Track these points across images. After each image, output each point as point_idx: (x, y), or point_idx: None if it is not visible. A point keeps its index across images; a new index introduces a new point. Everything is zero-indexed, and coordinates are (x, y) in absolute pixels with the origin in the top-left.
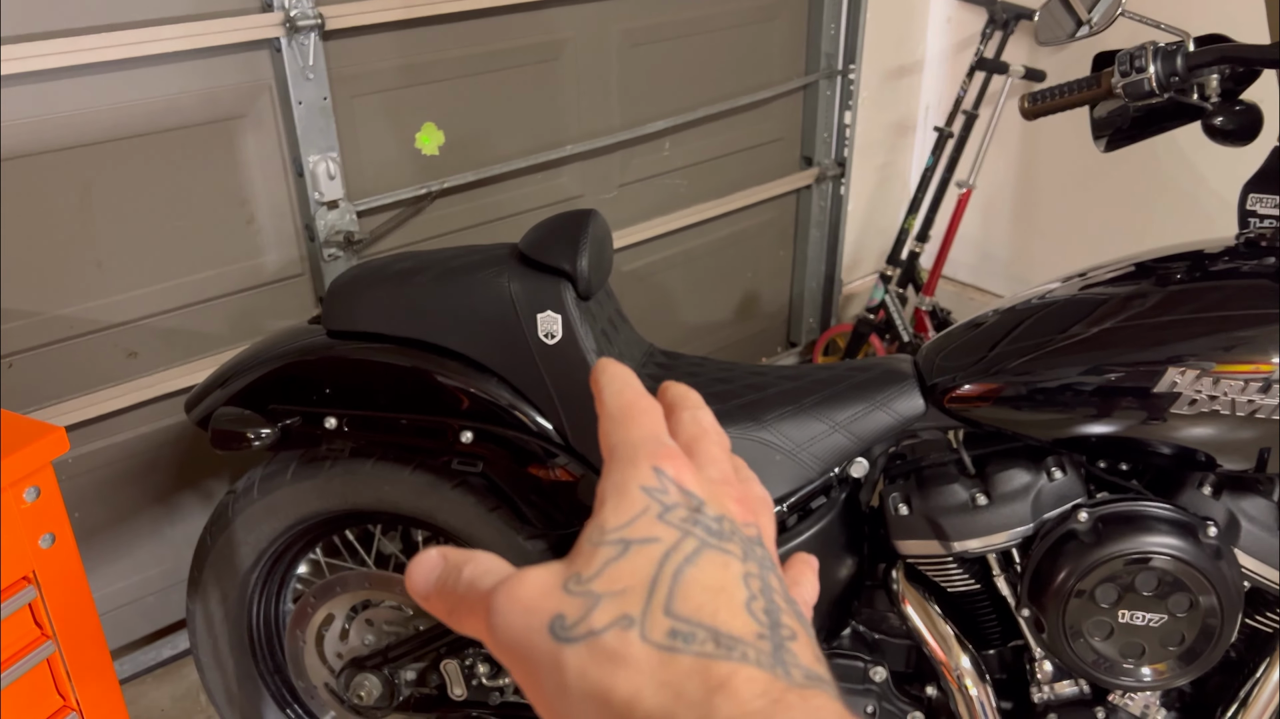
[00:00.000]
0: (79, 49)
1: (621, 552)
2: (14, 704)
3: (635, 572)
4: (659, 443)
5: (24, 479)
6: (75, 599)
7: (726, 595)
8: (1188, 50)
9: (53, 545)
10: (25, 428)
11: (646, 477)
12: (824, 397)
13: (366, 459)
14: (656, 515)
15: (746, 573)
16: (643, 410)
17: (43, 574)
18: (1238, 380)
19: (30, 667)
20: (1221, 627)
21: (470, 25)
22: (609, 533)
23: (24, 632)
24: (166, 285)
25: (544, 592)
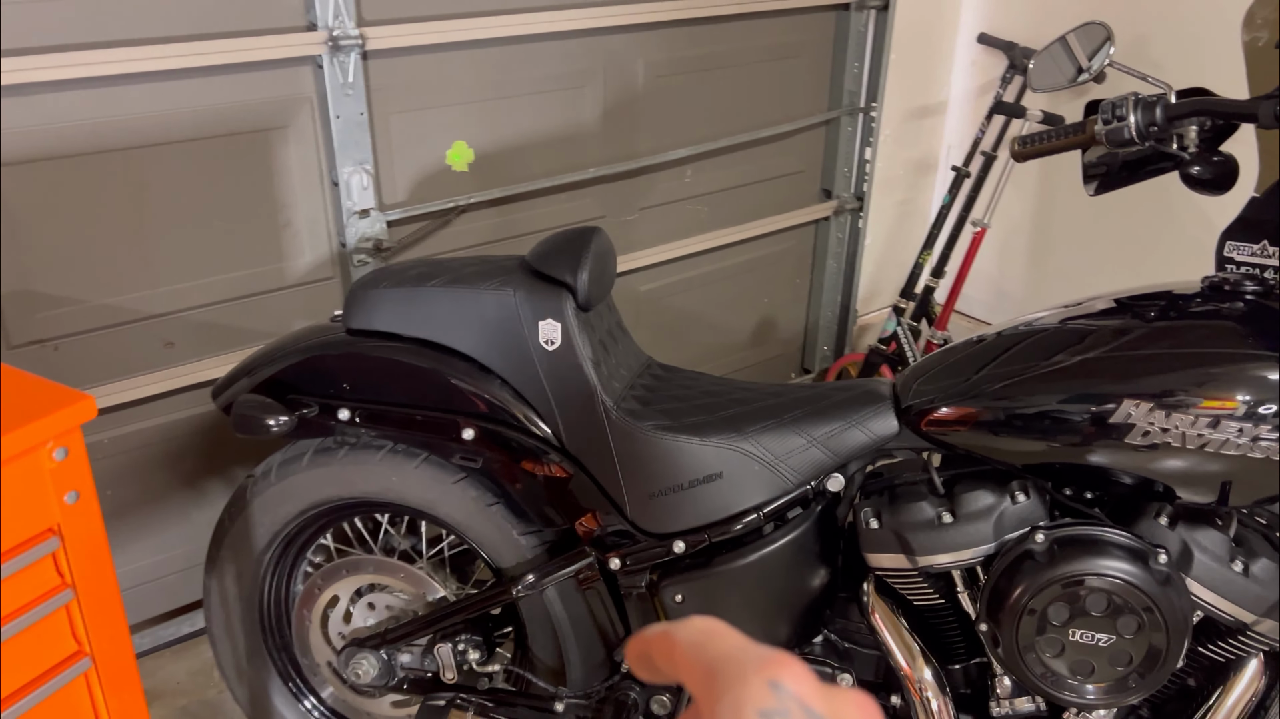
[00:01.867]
0: (138, 58)
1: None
2: (34, 647)
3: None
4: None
5: (54, 439)
6: (94, 553)
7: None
8: (1168, 102)
9: (77, 502)
10: (57, 394)
11: (762, 697)
12: (804, 413)
13: (377, 451)
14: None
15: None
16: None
17: (66, 528)
18: (1188, 415)
19: (50, 611)
20: (1167, 649)
21: (503, 50)
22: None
23: (46, 579)
24: (206, 281)
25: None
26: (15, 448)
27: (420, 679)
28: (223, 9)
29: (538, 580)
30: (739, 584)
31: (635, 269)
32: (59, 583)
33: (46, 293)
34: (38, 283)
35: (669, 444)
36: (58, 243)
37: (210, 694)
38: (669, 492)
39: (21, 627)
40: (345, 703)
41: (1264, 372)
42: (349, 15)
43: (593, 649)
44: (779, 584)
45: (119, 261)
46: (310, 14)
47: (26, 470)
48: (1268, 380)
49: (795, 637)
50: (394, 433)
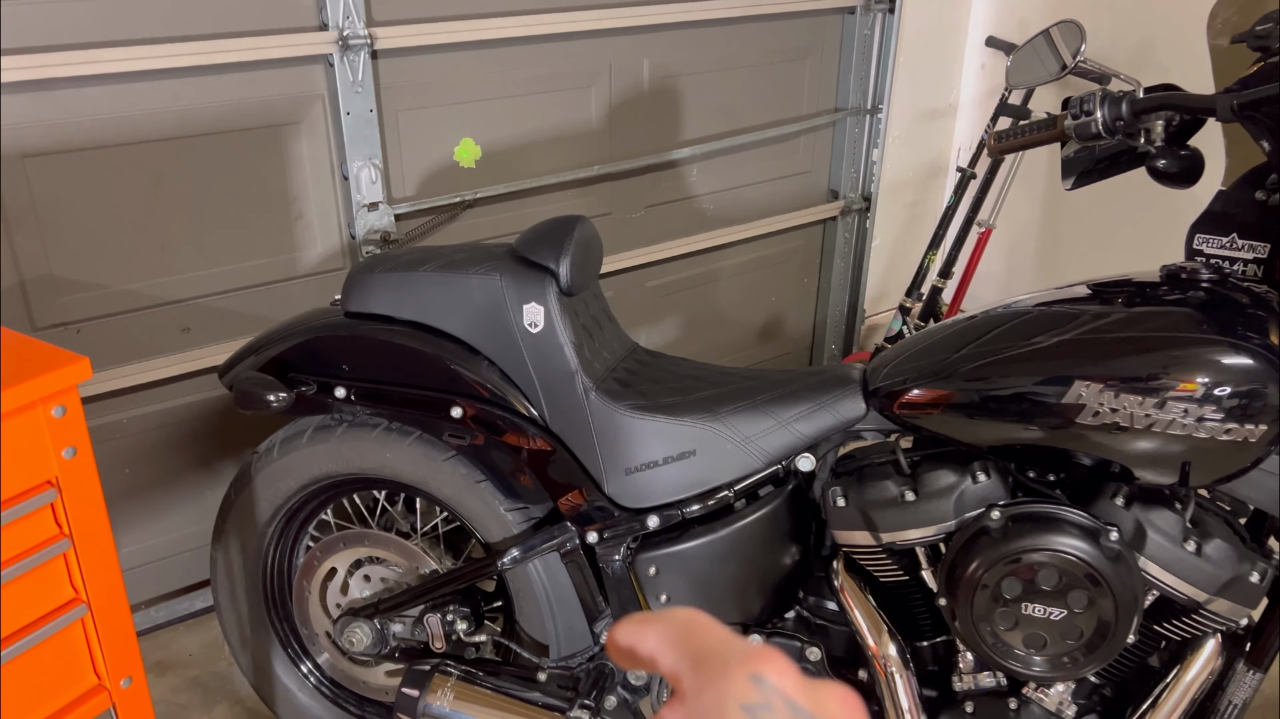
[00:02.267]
0: (158, 55)
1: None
2: (33, 593)
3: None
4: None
5: (53, 397)
6: (90, 506)
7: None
8: (1134, 97)
9: (74, 457)
10: (56, 356)
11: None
12: (775, 396)
13: (373, 429)
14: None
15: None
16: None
17: (64, 481)
18: (1135, 395)
19: (48, 558)
20: (1116, 624)
21: (511, 50)
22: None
23: (44, 528)
24: (221, 270)
25: None
26: (16, 402)
27: (411, 648)
28: (238, 9)
29: (522, 554)
30: (711, 557)
31: (641, 265)
32: (57, 533)
33: (69, 278)
34: (61, 268)
35: (645, 423)
36: (81, 231)
37: (220, 666)
38: (644, 468)
39: (21, 572)
40: (342, 671)
41: (1209, 355)
42: (359, 16)
43: (574, 620)
44: (750, 558)
45: (138, 249)
46: (322, 14)
47: (27, 425)
48: (1213, 363)
49: (767, 611)
50: (388, 411)
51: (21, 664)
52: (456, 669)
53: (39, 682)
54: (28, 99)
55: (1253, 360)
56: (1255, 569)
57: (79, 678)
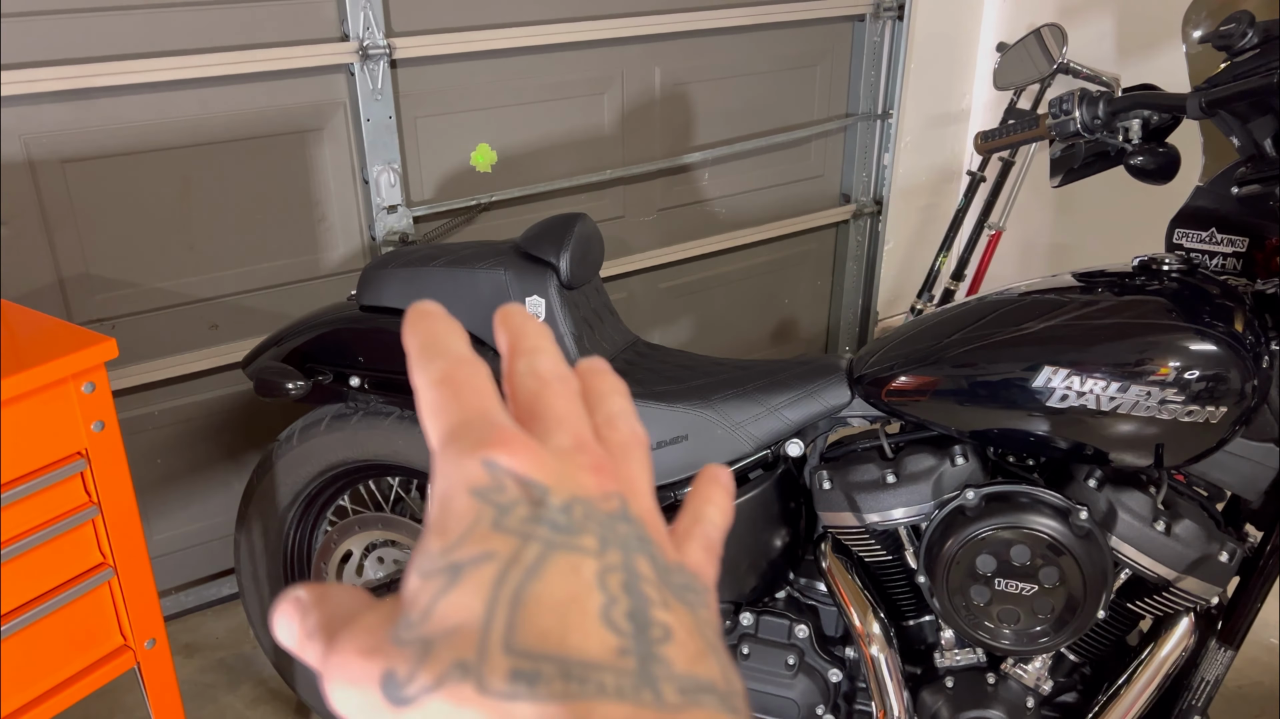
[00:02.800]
0: (189, 66)
1: (451, 580)
2: (63, 556)
3: (467, 603)
4: (489, 424)
5: (83, 374)
6: (117, 477)
7: (578, 608)
8: (1110, 96)
9: (102, 431)
10: (85, 336)
11: (477, 475)
12: (765, 384)
13: (386, 417)
14: (491, 524)
15: (604, 568)
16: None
17: (93, 452)
18: (1100, 379)
19: (77, 524)
20: (1086, 600)
21: (525, 59)
22: (437, 557)
23: (74, 496)
24: (247, 269)
25: (373, 644)
26: (49, 378)
27: None
28: (264, 21)
29: None
30: None
31: (654, 267)
32: (86, 500)
33: (105, 276)
34: (97, 268)
35: (640, 409)
36: (115, 232)
37: (244, 649)
38: None
39: (51, 536)
40: None
41: (1172, 340)
42: (379, 27)
43: None
44: (740, 539)
45: (169, 250)
46: (343, 26)
47: (58, 399)
48: (1176, 348)
49: (758, 590)
50: (400, 399)
51: (52, 623)
52: None
53: (69, 640)
54: (68, 107)
55: (1214, 346)
56: (1224, 549)
57: (106, 638)
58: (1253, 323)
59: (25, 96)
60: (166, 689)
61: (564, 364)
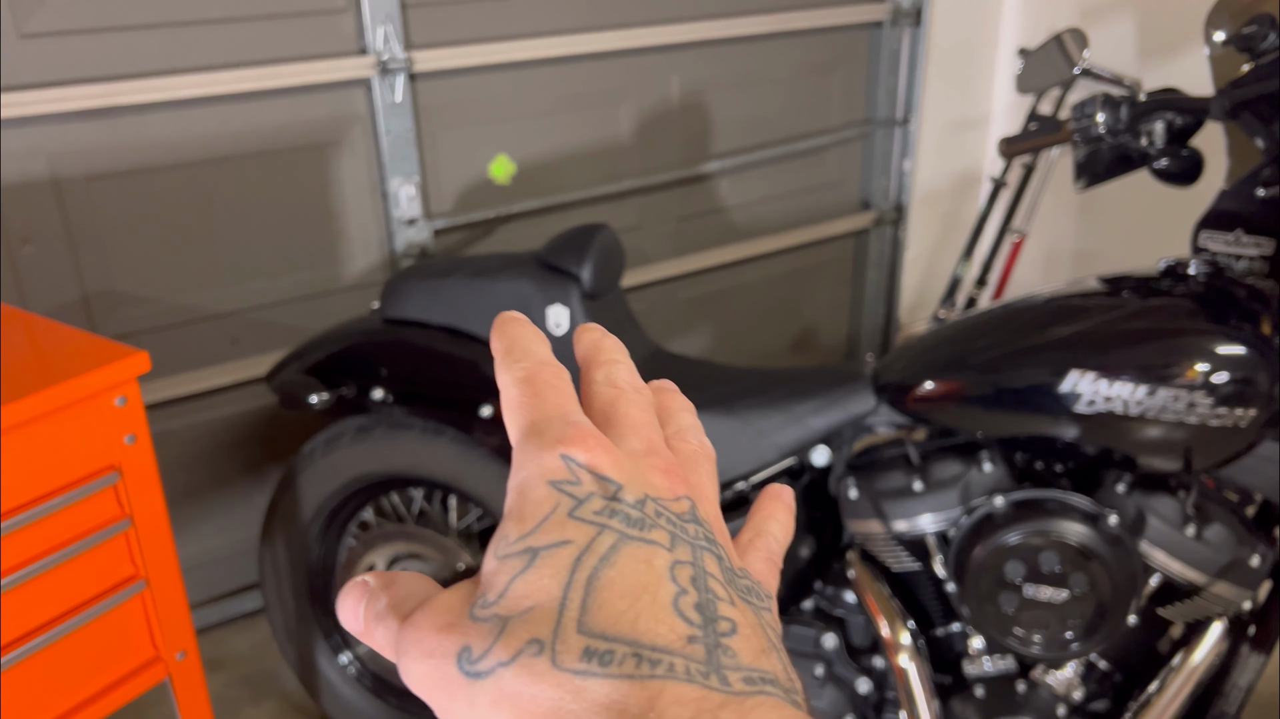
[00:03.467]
0: (210, 84)
1: (529, 563)
2: (97, 568)
3: (544, 585)
4: (566, 423)
5: (115, 388)
6: (149, 489)
7: (650, 597)
8: (1133, 100)
9: (134, 444)
10: (117, 350)
11: (554, 468)
12: (789, 392)
13: (409, 429)
14: (568, 513)
15: (674, 562)
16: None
17: (126, 465)
18: (1127, 383)
19: (110, 536)
20: (1116, 605)
21: (544, 70)
22: (514, 542)
23: (107, 508)
24: (268, 284)
25: (450, 620)
26: (82, 392)
27: None
28: (284, 37)
29: None
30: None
31: (674, 277)
32: (119, 512)
33: (128, 292)
34: (121, 283)
35: None
36: (139, 248)
37: (268, 664)
38: None
39: (85, 548)
40: (382, 664)
41: (1198, 343)
42: (397, 40)
43: None
44: None
45: (191, 265)
46: (362, 40)
47: (92, 412)
48: (1203, 351)
49: (785, 599)
50: (423, 411)
51: (85, 635)
52: None
53: (101, 652)
54: (92, 125)
55: (1242, 348)
56: (1255, 553)
57: (137, 650)
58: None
59: (50, 116)
60: (197, 701)
61: (639, 377)
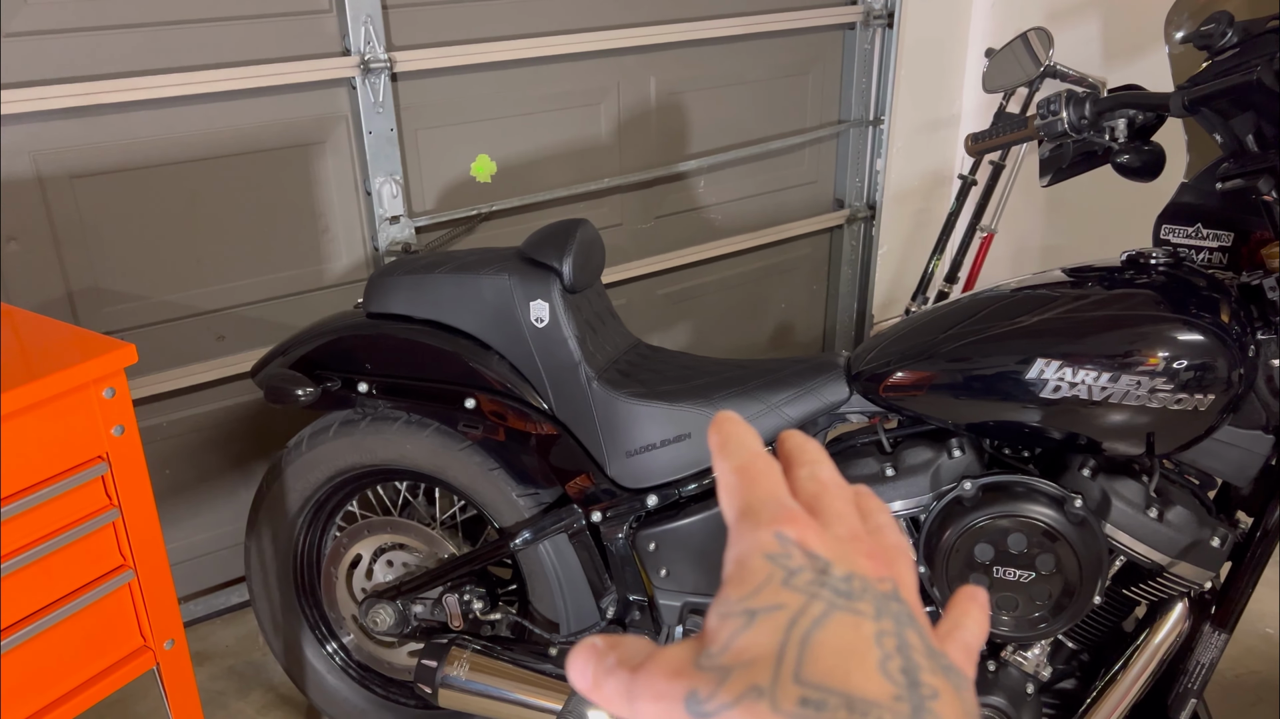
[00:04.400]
0: (194, 83)
1: (748, 622)
2: (85, 558)
3: (762, 641)
4: (780, 505)
5: (104, 380)
6: (137, 480)
7: (858, 658)
8: (1096, 96)
9: (122, 435)
10: (105, 343)
11: (769, 543)
12: (765, 382)
13: (394, 422)
14: (781, 582)
15: (880, 631)
16: (761, 471)
17: (114, 456)
18: (1091, 370)
19: (99, 526)
20: (1081, 585)
21: (524, 71)
22: (734, 604)
23: (95, 498)
24: (253, 281)
25: (678, 669)
26: (70, 384)
27: (431, 627)
28: (267, 37)
29: (533, 536)
30: (706, 533)
31: (652, 274)
32: (107, 503)
33: (113, 289)
34: (106, 281)
35: (643, 409)
36: (123, 246)
37: (255, 657)
38: (643, 450)
39: (73, 538)
40: (367, 653)
41: (1160, 331)
42: (379, 41)
43: (582, 598)
44: None
45: (176, 263)
46: (345, 40)
47: (80, 404)
48: (1163, 338)
49: None
50: (407, 404)
51: (73, 624)
52: (473, 643)
53: (89, 641)
54: (77, 124)
55: (1201, 336)
56: (1215, 534)
57: (126, 639)
58: (1238, 313)
59: (33, 114)
60: (185, 690)
61: (840, 477)
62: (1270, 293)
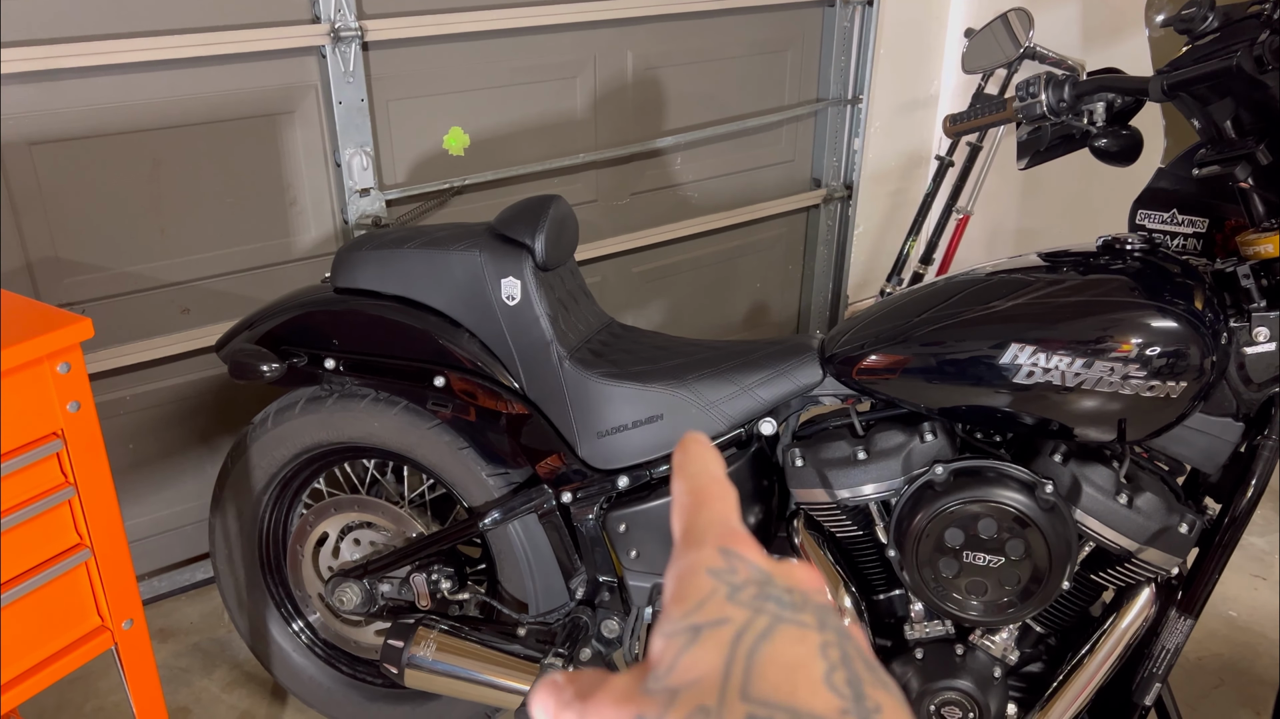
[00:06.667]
0: (157, 48)
1: (692, 639)
2: (39, 537)
3: (708, 658)
4: (726, 526)
5: (58, 354)
6: (94, 457)
7: (805, 671)
8: (1075, 79)
9: (78, 411)
10: (60, 317)
11: (712, 559)
12: (738, 364)
13: (361, 399)
14: (726, 597)
15: (824, 643)
16: (714, 495)
17: (69, 432)
18: (1065, 355)
19: (53, 505)
20: (1051, 571)
21: (498, 42)
22: (678, 622)
23: (50, 477)
24: (219, 253)
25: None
26: (23, 358)
27: (398, 607)
28: (234, 3)
29: (502, 516)
30: None
31: (628, 250)
32: (62, 481)
33: (74, 260)
34: (66, 251)
35: (615, 389)
36: (84, 215)
37: (219, 633)
38: (615, 431)
39: (27, 516)
40: (334, 632)
41: (1134, 317)
42: (350, 9)
43: (552, 578)
44: None
45: (139, 234)
46: (314, 7)
47: (33, 379)
48: (1138, 325)
49: None
50: (374, 381)
51: (28, 604)
52: (440, 623)
53: (45, 621)
54: (34, 89)
55: (1175, 323)
56: (1184, 521)
57: (83, 618)
58: (1212, 301)
59: None
60: (144, 670)
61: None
62: (1244, 280)
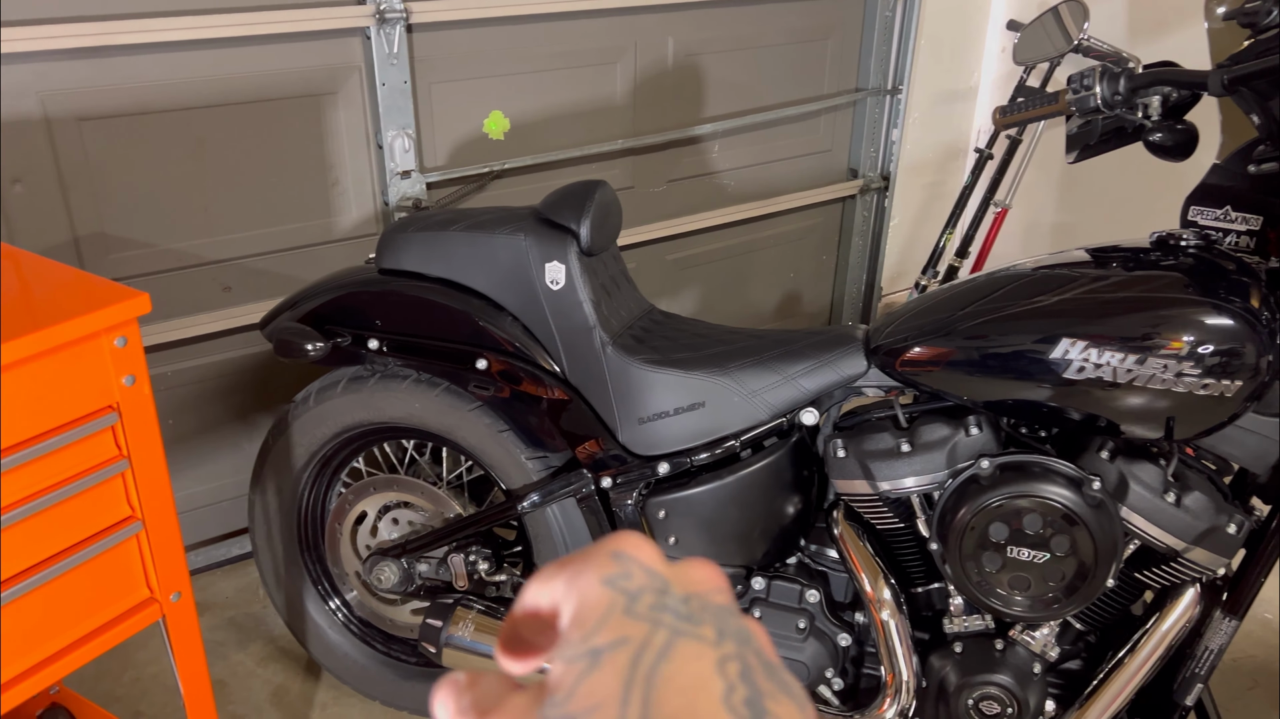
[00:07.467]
0: (204, 26)
1: (592, 664)
2: (93, 509)
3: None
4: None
5: (115, 329)
6: (147, 431)
7: (705, 693)
8: (1131, 73)
9: (133, 385)
10: (118, 291)
11: (606, 564)
12: (781, 353)
13: (403, 380)
14: (624, 610)
15: (722, 657)
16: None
17: (124, 406)
18: (1117, 351)
19: (108, 477)
20: (1096, 568)
21: (541, 26)
22: (578, 645)
23: (105, 449)
24: (260, 232)
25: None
26: (81, 332)
27: (435, 586)
28: None
29: (541, 499)
30: (717, 503)
31: (662, 238)
32: (116, 454)
33: (119, 236)
34: (112, 227)
35: (658, 376)
36: (130, 192)
37: (255, 608)
38: (656, 418)
39: (82, 488)
40: (370, 610)
41: (1190, 314)
42: None
43: None
44: (754, 505)
45: (182, 211)
46: None
47: (91, 353)
48: (1194, 322)
49: (770, 555)
50: (417, 362)
51: (80, 575)
52: (478, 604)
53: (96, 592)
54: (84, 65)
55: (1232, 321)
56: (1232, 521)
57: (133, 590)
58: (1268, 299)
59: (41, 53)
60: (191, 642)
61: None
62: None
